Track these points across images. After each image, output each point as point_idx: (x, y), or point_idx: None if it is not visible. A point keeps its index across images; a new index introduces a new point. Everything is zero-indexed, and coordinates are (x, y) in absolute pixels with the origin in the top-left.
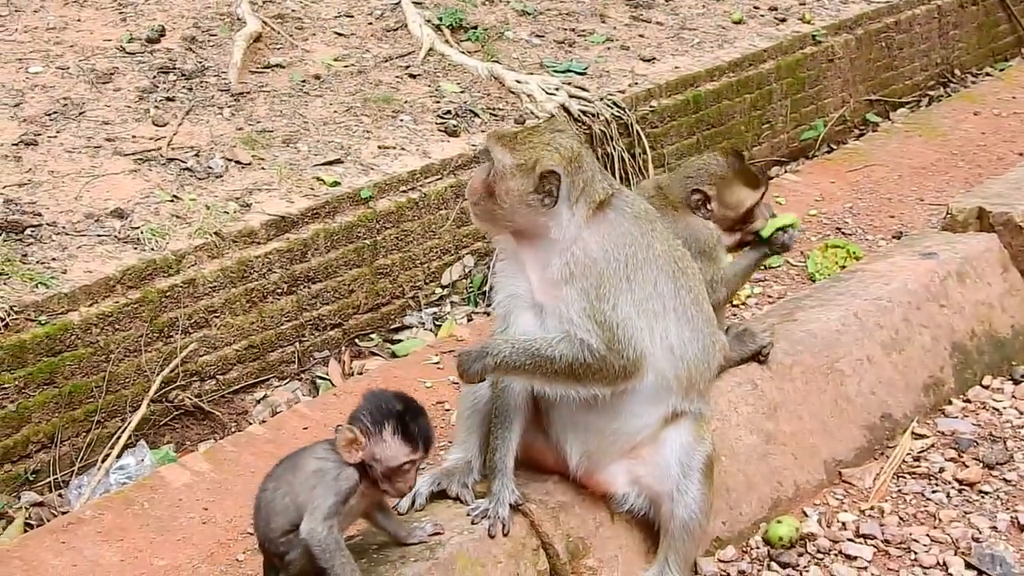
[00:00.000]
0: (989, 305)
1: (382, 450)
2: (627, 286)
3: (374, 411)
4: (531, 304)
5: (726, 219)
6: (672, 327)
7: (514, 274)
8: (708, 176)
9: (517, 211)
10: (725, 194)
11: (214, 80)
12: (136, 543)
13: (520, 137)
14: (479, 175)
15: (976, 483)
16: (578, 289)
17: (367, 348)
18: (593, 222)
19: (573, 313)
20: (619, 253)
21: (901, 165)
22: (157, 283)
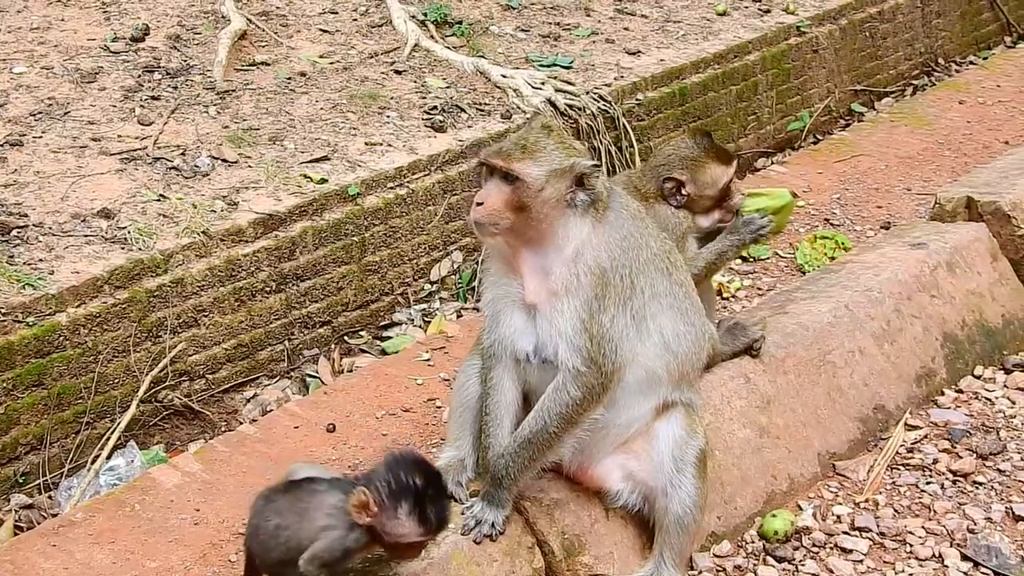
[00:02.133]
0: (979, 295)
1: (393, 525)
2: (630, 293)
3: (394, 483)
4: (522, 305)
5: (704, 200)
6: (667, 322)
7: (506, 274)
8: (679, 161)
9: (547, 218)
10: (698, 175)
11: (199, 78)
12: (128, 545)
13: (530, 147)
14: (498, 196)
15: (970, 474)
16: (580, 301)
17: (357, 346)
18: (598, 225)
19: (567, 326)
20: (625, 259)
21: (887, 155)
22: (145, 283)
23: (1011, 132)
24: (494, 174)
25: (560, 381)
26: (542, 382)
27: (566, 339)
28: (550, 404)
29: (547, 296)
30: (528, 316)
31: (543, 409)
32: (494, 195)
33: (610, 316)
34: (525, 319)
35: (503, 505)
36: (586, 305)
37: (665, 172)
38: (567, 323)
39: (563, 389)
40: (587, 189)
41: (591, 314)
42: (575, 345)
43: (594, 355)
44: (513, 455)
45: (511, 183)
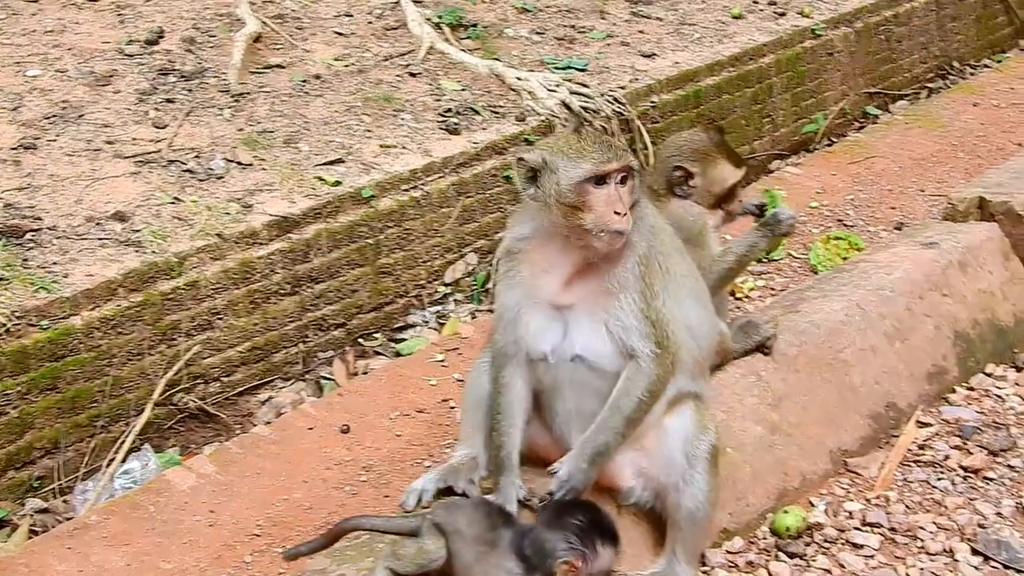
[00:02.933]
0: (991, 293)
1: (598, 565)
2: (667, 277)
3: (578, 529)
4: (546, 305)
5: (708, 196)
6: (691, 309)
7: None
8: (690, 152)
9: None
10: (708, 170)
11: (214, 81)
12: (142, 547)
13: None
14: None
15: (981, 470)
16: (635, 294)
17: (371, 348)
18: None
19: (632, 319)
20: (659, 244)
21: (901, 157)
22: (159, 286)
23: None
24: (608, 182)
25: (639, 363)
26: (559, 381)
27: (635, 329)
28: (637, 379)
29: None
30: (552, 317)
31: (629, 389)
32: (627, 198)
33: (661, 301)
34: (547, 320)
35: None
36: (641, 295)
37: (676, 160)
38: (629, 315)
39: (646, 367)
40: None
41: (647, 302)
42: (643, 333)
43: (660, 339)
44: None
45: (625, 183)
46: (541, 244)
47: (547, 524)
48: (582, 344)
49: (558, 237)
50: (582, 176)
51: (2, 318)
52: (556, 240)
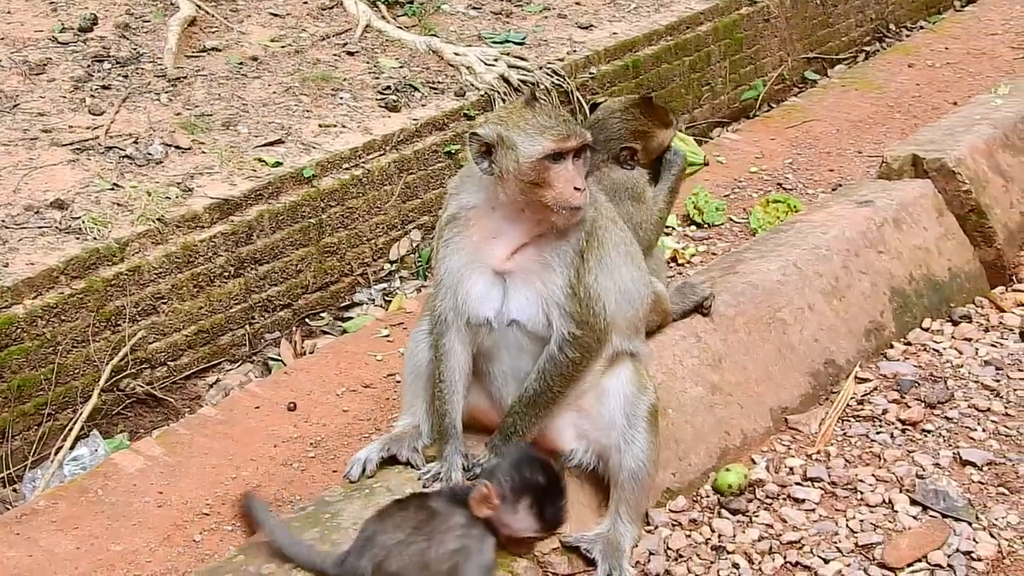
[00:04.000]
0: (926, 249)
1: (512, 520)
2: (602, 250)
3: (517, 478)
4: (487, 271)
5: (647, 157)
6: (625, 272)
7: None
8: (630, 134)
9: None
10: (649, 143)
11: (150, 66)
12: (91, 530)
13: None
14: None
15: (919, 422)
16: (567, 267)
17: (318, 327)
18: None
19: (559, 293)
20: (599, 219)
21: (839, 119)
22: (101, 272)
23: (959, 93)
24: (565, 158)
25: (555, 347)
26: (496, 344)
27: (558, 306)
28: (549, 367)
29: (531, 264)
30: (493, 282)
31: (543, 372)
32: (582, 175)
33: (594, 276)
34: (488, 285)
35: None
36: (575, 271)
37: (620, 144)
38: (559, 291)
39: (560, 353)
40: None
41: (579, 278)
42: (567, 311)
43: (586, 316)
44: (520, 415)
45: (581, 157)
46: (487, 212)
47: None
48: (517, 310)
49: (506, 206)
50: (542, 153)
51: None
52: (503, 209)
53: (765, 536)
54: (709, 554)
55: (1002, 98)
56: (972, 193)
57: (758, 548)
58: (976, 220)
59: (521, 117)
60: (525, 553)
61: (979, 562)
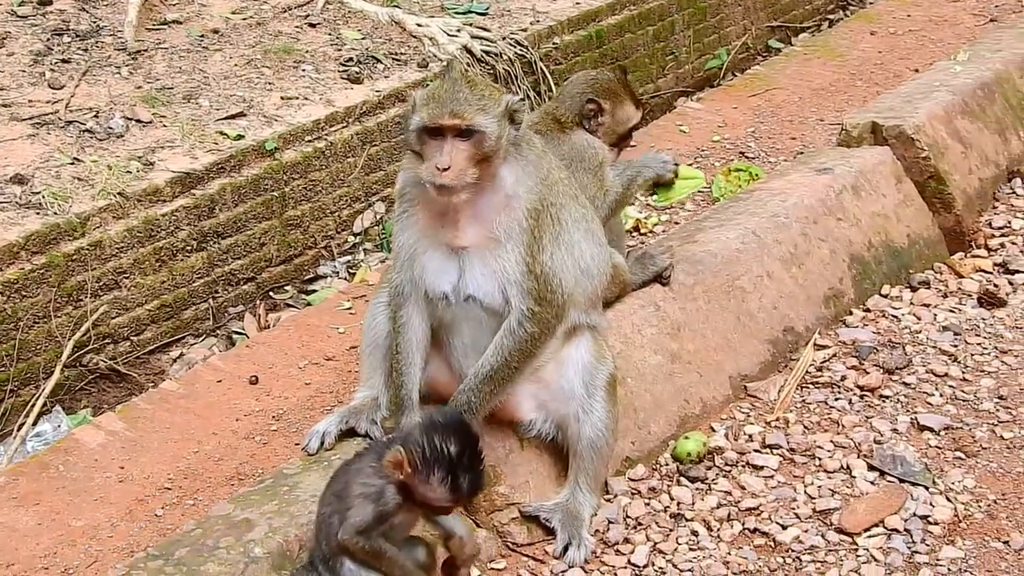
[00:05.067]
0: (885, 216)
1: (424, 489)
2: (559, 227)
3: (428, 448)
4: (443, 246)
5: (611, 134)
6: (585, 248)
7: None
8: (602, 90)
9: (500, 163)
10: (616, 107)
11: (110, 40)
12: (53, 505)
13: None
14: (460, 155)
15: (877, 388)
16: (521, 245)
17: (282, 300)
18: (523, 164)
19: (515, 271)
20: (551, 195)
21: (801, 88)
22: (63, 247)
23: (920, 60)
24: (444, 135)
25: (515, 322)
26: (456, 318)
27: (516, 284)
28: (508, 342)
29: (484, 241)
30: (449, 257)
31: (501, 347)
32: (457, 155)
33: (549, 253)
34: (445, 259)
35: None
36: (528, 248)
37: (589, 95)
38: (514, 269)
39: (519, 328)
40: (516, 124)
41: (533, 255)
42: (524, 288)
43: (543, 293)
44: (475, 390)
45: (468, 138)
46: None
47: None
48: (474, 286)
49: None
50: (418, 125)
51: None
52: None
53: (724, 503)
54: (668, 522)
55: (962, 65)
56: (931, 160)
57: (716, 515)
58: (935, 187)
59: (430, 88)
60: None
61: (935, 526)
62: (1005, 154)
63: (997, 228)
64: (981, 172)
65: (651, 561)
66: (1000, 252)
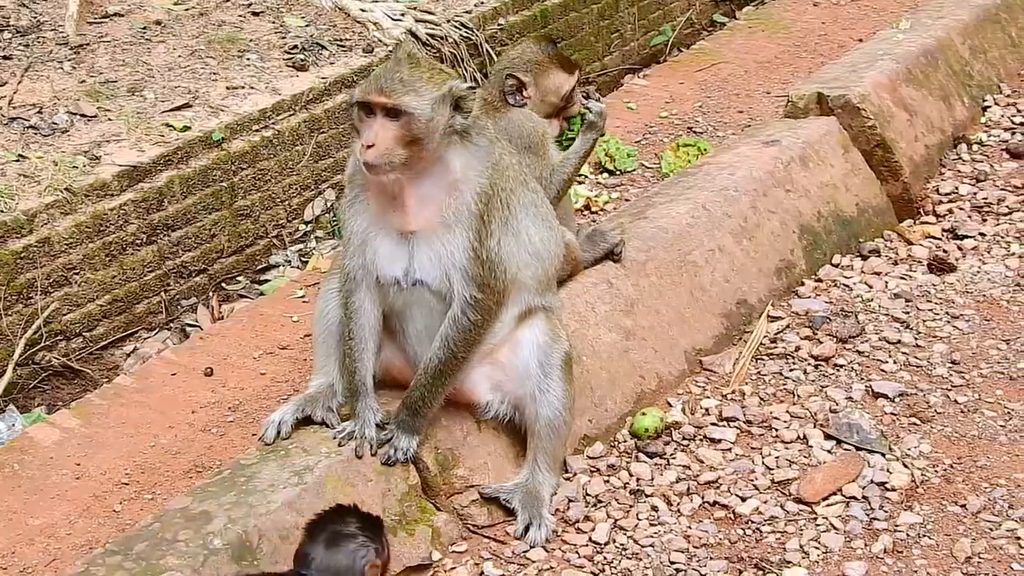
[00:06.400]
0: (833, 186)
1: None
2: (508, 213)
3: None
4: (393, 231)
5: (545, 105)
6: (535, 233)
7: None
8: (523, 64)
9: (438, 146)
10: (541, 79)
11: (51, 34)
12: (9, 505)
13: (407, 78)
14: (387, 134)
15: (831, 357)
16: (469, 231)
17: (235, 291)
18: (472, 149)
19: (461, 257)
20: (501, 181)
21: (746, 61)
22: (10, 245)
23: (864, 30)
24: (375, 113)
25: (458, 310)
26: (408, 303)
27: (460, 270)
28: (452, 333)
29: (432, 226)
30: (400, 242)
31: (447, 339)
32: (383, 134)
33: (496, 239)
34: (395, 245)
35: (418, 431)
36: (475, 234)
37: (508, 71)
38: (460, 254)
39: (463, 316)
40: (464, 112)
41: (480, 241)
42: (469, 275)
43: (487, 279)
44: (426, 386)
45: (397, 119)
46: None
47: (328, 549)
48: (422, 270)
49: None
50: (351, 101)
51: None
52: None
53: (683, 478)
54: (628, 498)
55: (904, 33)
56: (877, 128)
57: (676, 490)
58: (882, 155)
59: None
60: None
61: (893, 492)
62: (950, 120)
63: (944, 194)
64: (927, 139)
65: (612, 538)
66: (948, 218)
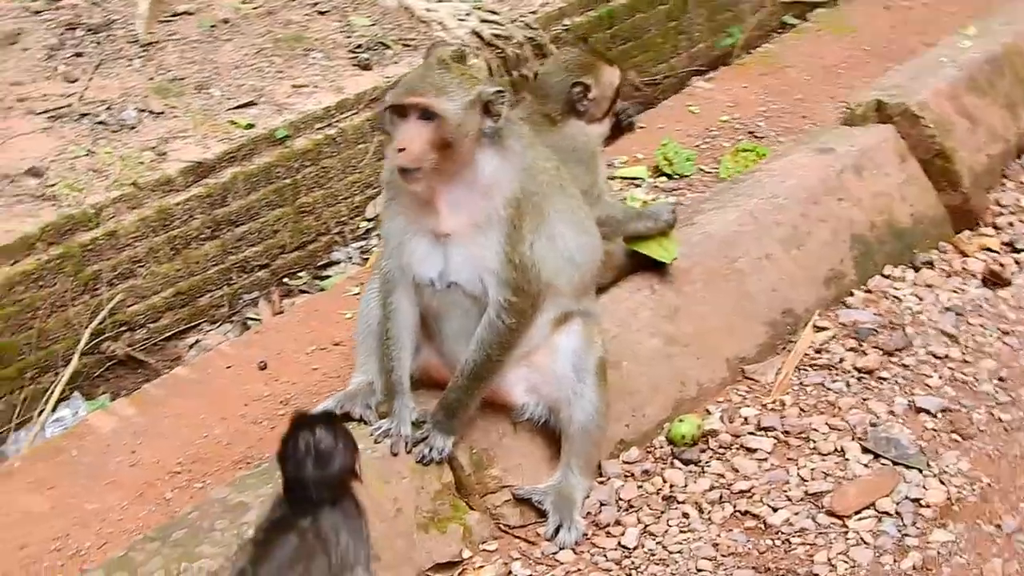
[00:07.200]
0: (888, 195)
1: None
2: (541, 218)
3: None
4: (429, 233)
5: (603, 103)
6: (571, 238)
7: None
8: (578, 68)
9: (469, 149)
10: (600, 77)
11: (122, 32)
12: (66, 490)
13: (439, 81)
14: (419, 137)
15: (875, 370)
16: (501, 235)
17: (296, 287)
18: (504, 154)
19: (493, 261)
20: (533, 186)
21: (812, 65)
22: (78, 237)
23: (935, 34)
24: (407, 116)
25: (493, 313)
26: (443, 305)
27: (493, 274)
28: (488, 336)
29: (465, 229)
30: (435, 244)
31: (482, 341)
32: (416, 136)
33: (528, 243)
34: (431, 247)
35: (454, 432)
36: (507, 237)
37: (572, 79)
38: (493, 258)
39: (497, 320)
40: (494, 116)
41: (512, 245)
42: (502, 279)
43: (521, 283)
44: (462, 388)
45: (430, 122)
46: None
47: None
48: (457, 272)
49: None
50: (384, 105)
51: None
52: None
53: (716, 486)
54: (660, 504)
55: (971, 39)
56: (937, 137)
57: (708, 498)
58: (941, 164)
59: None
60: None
61: (927, 509)
62: (1015, 129)
63: (1005, 206)
64: (989, 148)
65: (641, 543)
66: (1008, 231)
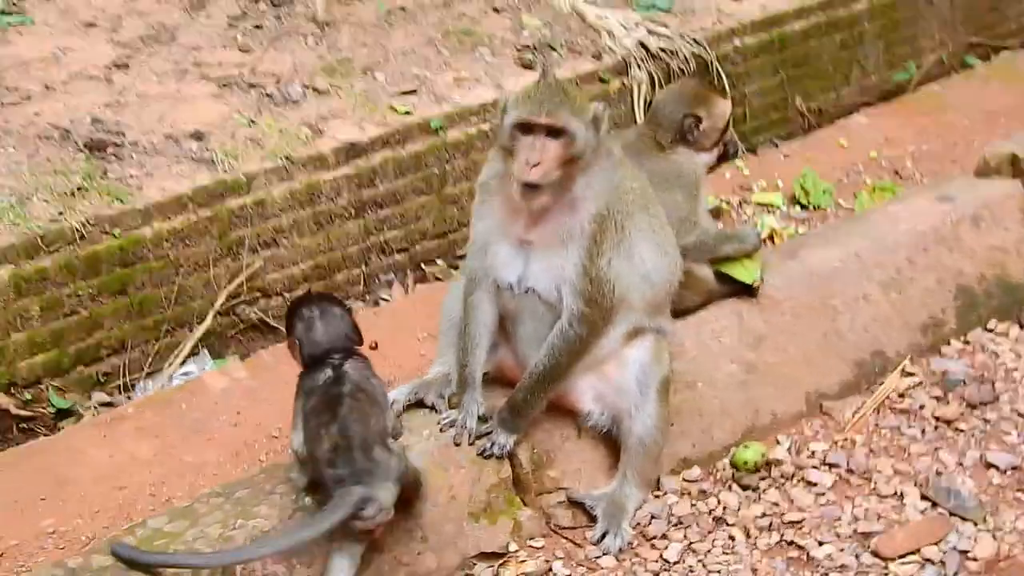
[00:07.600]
0: (1004, 250)
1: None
2: (622, 236)
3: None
4: (514, 238)
5: (712, 134)
6: (648, 256)
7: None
8: (691, 100)
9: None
10: (712, 109)
11: (302, 10)
12: (170, 440)
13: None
14: (549, 154)
15: (953, 421)
16: (581, 248)
17: (432, 273)
18: (595, 171)
19: (571, 272)
20: (619, 205)
21: (973, 110)
22: (228, 202)
23: None
24: (532, 132)
25: (566, 322)
26: (520, 308)
27: (569, 284)
28: (559, 342)
29: (548, 239)
30: (517, 250)
31: (553, 347)
32: (547, 153)
33: (607, 259)
34: (513, 252)
35: (517, 430)
36: (587, 252)
37: (684, 110)
38: (571, 269)
39: (569, 328)
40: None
41: (591, 259)
42: (577, 290)
43: (595, 296)
44: (529, 389)
45: (556, 139)
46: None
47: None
48: (535, 279)
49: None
50: (512, 121)
51: (78, 224)
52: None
53: (768, 513)
54: (709, 523)
55: None
56: None
57: (758, 524)
58: None
59: (525, 89)
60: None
61: (974, 562)
62: None
63: None
64: None
65: (683, 558)
66: None
